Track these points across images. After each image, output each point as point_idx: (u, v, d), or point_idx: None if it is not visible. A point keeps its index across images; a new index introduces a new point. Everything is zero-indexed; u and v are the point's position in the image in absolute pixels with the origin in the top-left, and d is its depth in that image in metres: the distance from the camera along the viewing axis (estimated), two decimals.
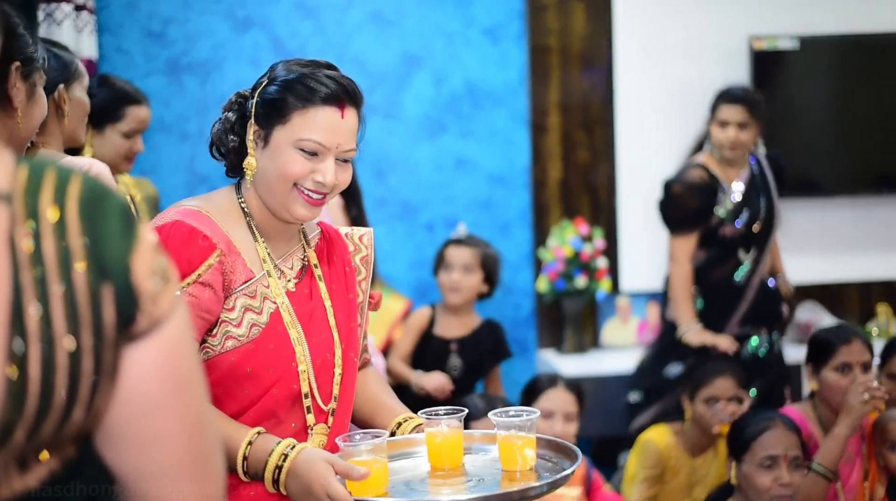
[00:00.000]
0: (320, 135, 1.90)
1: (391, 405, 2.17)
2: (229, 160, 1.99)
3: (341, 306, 2.06)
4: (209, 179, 4.87)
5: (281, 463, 1.84)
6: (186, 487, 1.09)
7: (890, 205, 5.33)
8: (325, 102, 1.91)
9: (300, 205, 1.94)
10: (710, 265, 4.34)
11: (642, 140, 5.14)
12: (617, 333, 5.14)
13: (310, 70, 1.92)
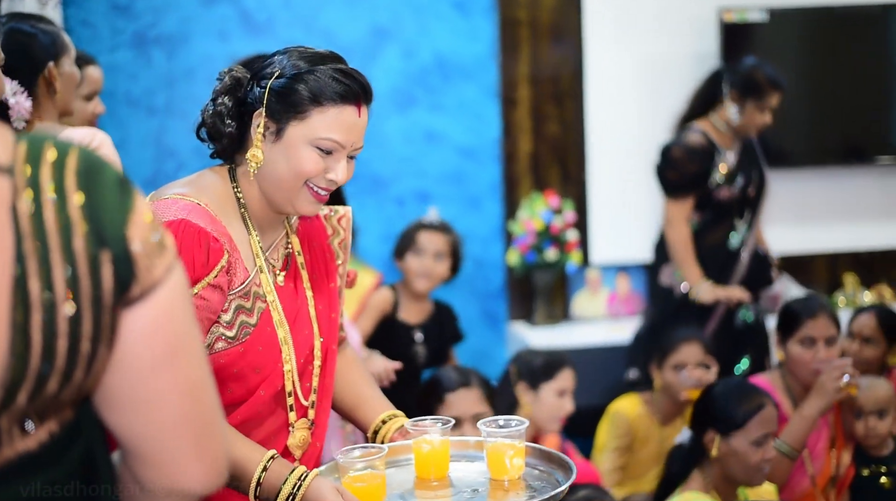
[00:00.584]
0: (339, 134, 1.85)
1: (374, 398, 2.14)
2: (221, 145, 1.92)
3: (322, 297, 2.02)
4: (177, 154, 4.84)
5: (294, 491, 1.81)
6: (187, 448, 1.14)
7: (857, 176, 5.38)
8: (345, 101, 1.85)
9: (308, 202, 1.90)
10: (704, 230, 4.38)
11: (612, 113, 5.15)
12: (587, 305, 5.16)
13: (327, 65, 1.86)
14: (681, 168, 4.34)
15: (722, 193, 4.35)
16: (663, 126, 5.04)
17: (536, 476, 1.98)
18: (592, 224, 5.18)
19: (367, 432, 2.13)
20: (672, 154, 4.34)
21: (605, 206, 5.18)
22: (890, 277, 5.47)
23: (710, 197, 4.34)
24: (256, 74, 1.91)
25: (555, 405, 3.65)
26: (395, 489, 1.94)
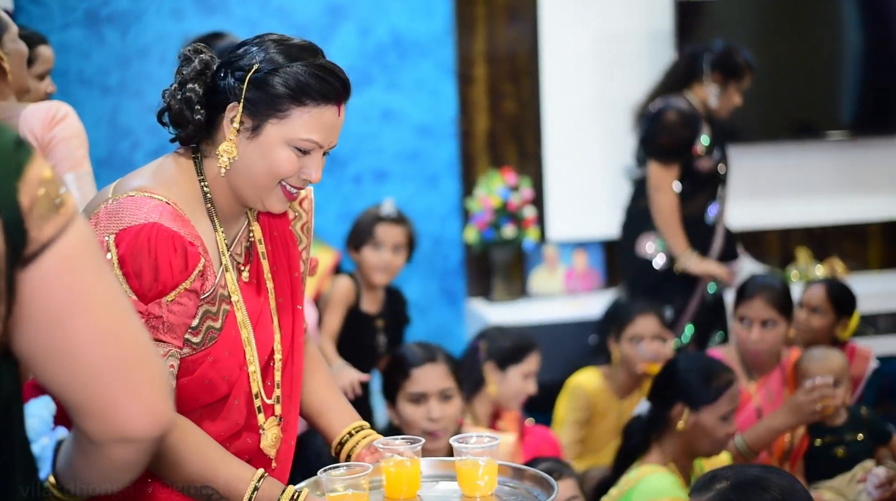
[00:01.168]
0: (318, 134, 1.78)
1: (339, 406, 2.07)
2: (186, 133, 1.81)
3: (284, 287, 1.94)
4: (132, 133, 4.80)
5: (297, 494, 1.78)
6: (118, 393, 1.17)
7: (809, 152, 5.45)
8: (327, 100, 1.77)
9: (279, 201, 1.83)
10: (682, 201, 4.41)
11: (568, 90, 5.17)
12: (545, 281, 5.20)
13: (308, 60, 1.77)
14: (674, 132, 4.35)
15: (702, 163, 4.40)
16: (619, 104, 5.08)
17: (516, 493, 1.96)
18: (549, 201, 5.21)
19: (331, 442, 2.07)
20: (666, 118, 4.34)
21: (562, 183, 5.20)
22: (841, 250, 5.56)
23: (691, 167, 4.38)
24: (231, 63, 1.80)
25: (520, 387, 3.69)
26: None
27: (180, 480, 1.71)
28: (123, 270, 1.65)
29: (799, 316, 3.92)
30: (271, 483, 1.78)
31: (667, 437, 2.91)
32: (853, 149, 5.50)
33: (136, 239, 1.66)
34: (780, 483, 1.89)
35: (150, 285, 1.67)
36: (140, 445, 1.22)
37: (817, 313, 3.97)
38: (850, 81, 5.47)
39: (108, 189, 1.80)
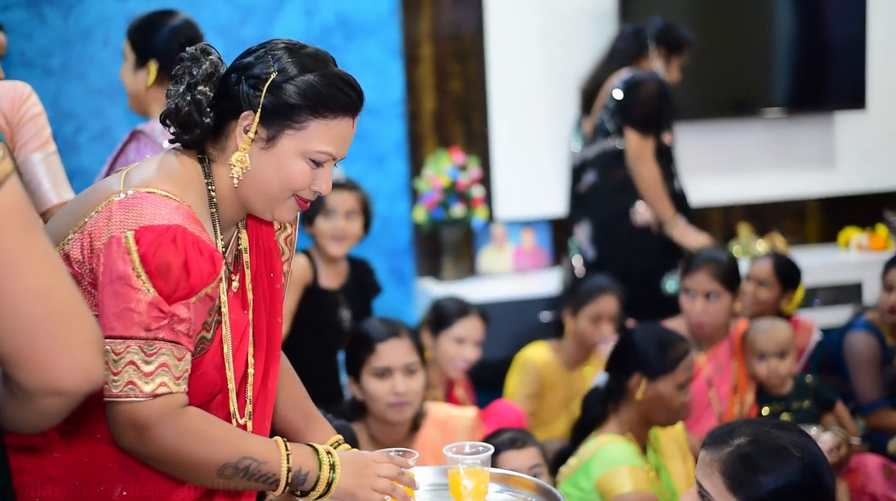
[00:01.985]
0: (333, 147, 1.77)
1: (316, 421, 2.06)
2: (191, 136, 1.77)
3: (264, 299, 1.89)
4: (76, 116, 4.74)
5: (333, 461, 1.80)
6: (49, 346, 1.26)
7: (746, 129, 5.54)
8: (345, 112, 1.77)
9: (290, 209, 1.81)
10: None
11: (514, 70, 5.21)
12: (493, 260, 5.24)
13: (326, 71, 1.75)
14: (654, 103, 4.41)
15: (667, 137, 4.48)
16: (564, 82, 5.14)
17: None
18: (497, 181, 5.25)
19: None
20: (648, 88, 4.40)
21: (509, 162, 5.24)
22: (781, 226, 5.68)
23: (660, 140, 4.45)
24: (245, 69, 1.76)
25: (454, 351, 3.75)
26: None
27: (219, 460, 1.68)
28: (146, 268, 1.61)
29: (746, 289, 4.03)
30: (295, 444, 1.79)
31: (624, 407, 2.97)
32: (789, 126, 5.61)
33: (161, 239, 1.62)
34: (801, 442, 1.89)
35: (179, 286, 1.63)
36: (69, 398, 1.30)
37: (764, 286, 4.08)
38: (784, 59, 5.56)
39: (112, 180, 1.75)
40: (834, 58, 5.60)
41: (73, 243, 1.69)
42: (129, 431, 1.63)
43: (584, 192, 4.57)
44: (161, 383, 1.62)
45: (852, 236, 5.58)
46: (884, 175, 5.72)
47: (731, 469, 1.86)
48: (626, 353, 3.03)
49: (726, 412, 3.62)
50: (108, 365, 1.61)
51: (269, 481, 1.74)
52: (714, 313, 3.66)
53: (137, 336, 1.61)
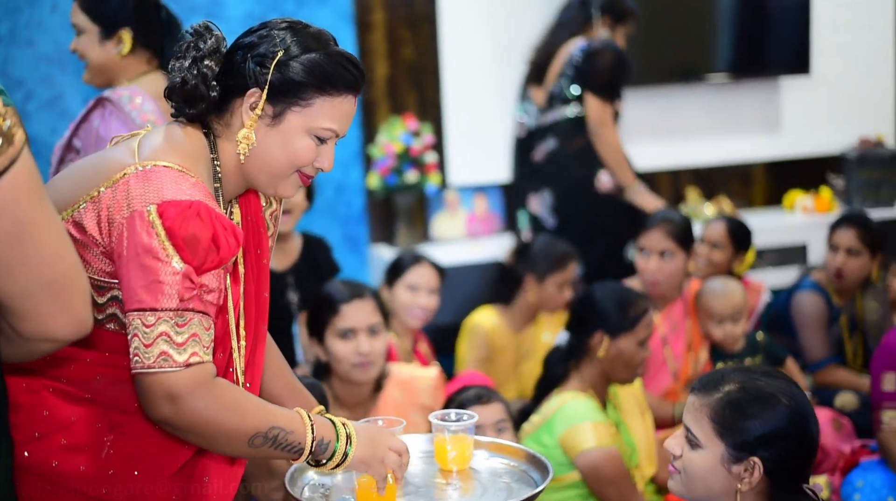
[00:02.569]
0: (338, 124, 1.81)
1: (299, 392, 2.10)
2: (196, 110, 1.79)
3: (252, 273, 1.91)
4: (24, 84, 4.68)
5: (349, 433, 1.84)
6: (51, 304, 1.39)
7: (691, 94, 5.60)
8: (349, 90, 1.80)
9: (294, 185, 1.85)
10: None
11: (466, 36, 5.23)
12: (446, 226, 5.28)
13: (328, 50, 1.79)
14: (616, 70, 4.49)
15: (619, 104, 4.55)
16: (516, 49, 5.16)
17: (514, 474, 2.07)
18: (449, 147, 5.28)
19: None
20: (608, 56, 4.47)
21: (462, 129, 5.28)
22: (728, 189, 5.78)
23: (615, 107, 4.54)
24: (250, 47, 1.79)
25: (407, 300, 3.80)
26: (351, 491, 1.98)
27: (250, 430, 1.71)
28: (173, 241, 1.63)
29: (700, 251, 4.11)
30: (315, 416, 1.83)
31: (586, 365, 3.02)
32: (735, 91, 5.69)
33: (186, 214, 1.65)
34: (789, 389, 1.94)
35: (207, 258, 1.67)
36: (62, 344, 1.46)
37: (718, 248, 4.17)
38: (728, 24, 5.63)
39: (122, 151, 1.76)
40: (778, 23, 5.69)
41: (85, 212, 1.70)
42: (163, 402, 1.65)
43: (542, 160, 4.62)
44: (193, 352, 1.65)
45: (797, 198, 5.70)
46: (828, 139, 5.83)
47: (721, 415, 1.92)
48: (587, 312, 3.08)
49: (681, 369, 3.71)
50: (137, 338, 1.64)
51: (294, 450, 1.78)
52: (668, 271, 3.74)
53: (169, 308, 1.64)
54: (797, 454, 1.93)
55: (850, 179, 5.67)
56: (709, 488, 1.95)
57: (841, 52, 5.79)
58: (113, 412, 1.76)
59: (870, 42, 5.89)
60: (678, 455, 1.99)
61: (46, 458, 1.73)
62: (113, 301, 1.72)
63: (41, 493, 1.74)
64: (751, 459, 1.91)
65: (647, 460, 3.04)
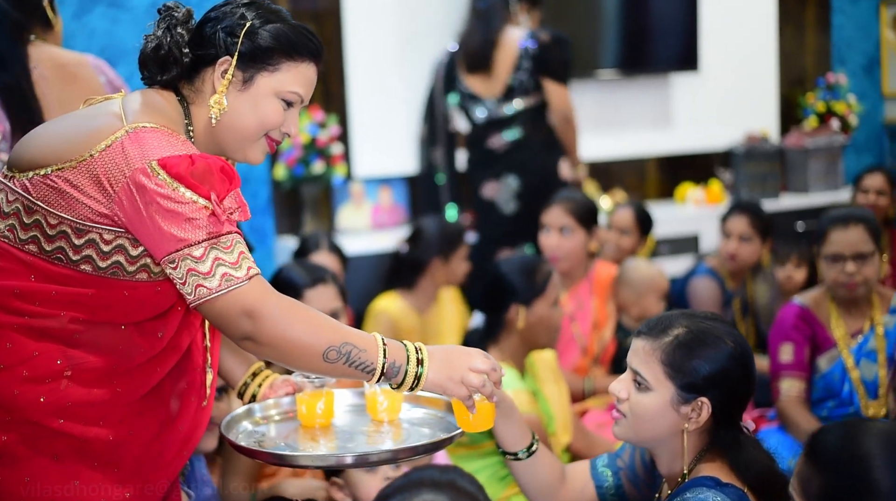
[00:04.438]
0: (303, 89, 1.92)
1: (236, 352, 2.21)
2: (168, 75, 1.90)
3: None
4: None
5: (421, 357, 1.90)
6: None
7: (581, 90, 5.71)
8: (312, 57, 1.92)
9: (261, 152, 1.94)
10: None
11: (370, 29, 5.30)
12: (352, 217, 5.34)
13: (289, 22, 1.91)
14: (571, 58, 4.72)
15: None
16: (420, 42, 5.27)
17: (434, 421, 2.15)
18: (354, 140, 5.34)
19: (235, 386, 2.24)
20: (566, 45, 4.65)
21: (367, 122, 5.34)
22: (622, 182, 5.97)
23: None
24: (217, 20, 1.90)
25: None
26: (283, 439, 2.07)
27: (323, 343, 1.80)
28: (185, 183, 1.74)
29: (609, 237, 4.27)
30: (388, 339, 1.91)
31: (504, 338, 3.11)
32: (625, 87, 5.88)
33: (190, 160, 1.76)
34: (734, 334, 2.02)
35: (222, 185, 1.77)
36: None
37: (626, 234, 4.34)
38: (616, 21, 5.79)
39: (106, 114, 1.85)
40: (666, 20, 5.89)
41: (77, 172, 1.78)
42: (241, 319, 1.75)
43: (504, 148, 4.71)
44: (248, 267, 1.77)
45: (688, 191, 5.92)
46: (716, 134, 6.07)
47: (670, 357, 1.99)
48: (496, 289, 3.16)
49: (588, 345, 3.84)
50: (193, 273, 1.74)
51: (367, 369, 1.85)
52: (568, 247, 3.87)
53: (210, 236, 1.74)
54: (740, 393, 2.01)
55: (738, 173, 5.93)
56: (656, 429, 2.01)
57: (727, 50, 6.05)
58: (72, 350, 1.83)
59: (754, 41, 6.17)
60: (624, 399, 2.04)
61: (8, 388, 1.80)
62: (89, 244, 1.80)
63: (1, 423, 1.81)
64: (699, 399, 1.97)
65: (563, 428, 3.14)
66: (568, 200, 3.96)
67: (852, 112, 6.19)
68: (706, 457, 2.02)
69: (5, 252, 1.83)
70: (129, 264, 1.83)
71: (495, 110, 4.71)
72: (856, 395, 3.29)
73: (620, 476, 2.21)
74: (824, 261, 3.36)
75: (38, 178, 1.80)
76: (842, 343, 3.34)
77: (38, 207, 1.80)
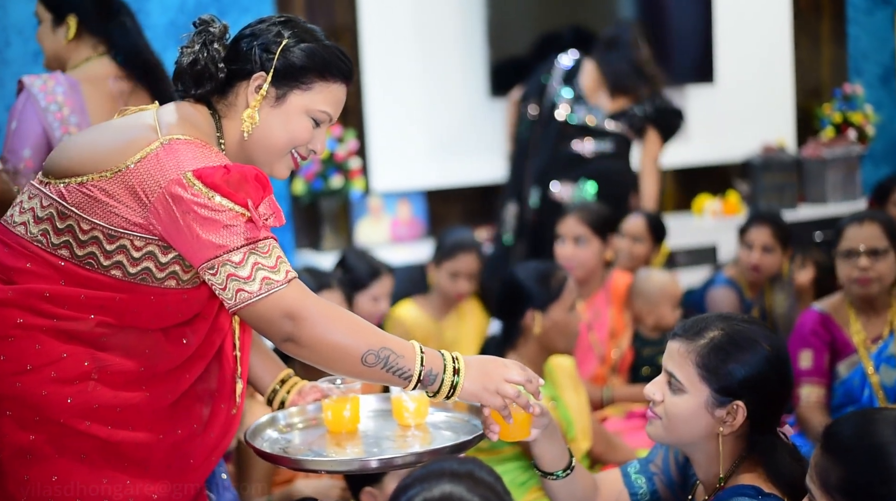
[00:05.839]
0: (332, 108, 1.98)
1: (265, 358, 2.26)
2: (203, 89, 1.94)
3: None
4: None
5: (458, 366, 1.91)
6: None
7: None
8: (343, 78, 1.98)
9: (287, 167, 1.99)
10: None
11: (386, 44, 5.34)
12: (370, 231, 5.37)
13: (324, 43, 1.96)
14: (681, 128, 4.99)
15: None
16: (436, 57, 5.31)
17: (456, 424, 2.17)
18: (372, 155, 5.38)
19: (264, 393, 2.27)
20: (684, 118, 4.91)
21: (384, 136, 5.38)
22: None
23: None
24: (254, 36, 1.95)
25: (370, 309, 3.87)
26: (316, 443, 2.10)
27: (362, 346, 1.83)
28: (222, 192, 1.78)
29: (622, 245, 4.27)
30: (427, 347, 1.92)
31: (522, 345, 3.12)
32: None
33: (225, 169, 1.80)
34: (770, 337, 1.99)
35: (256, 192, 1.80)
36: None
37: (639, 242, 4.35)
38: None
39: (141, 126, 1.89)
40: (682, 33, 5.92)
41: (112, 182, 1.83)
42: (283, 321, 1.79)
43: (591, 155, 4.77)
44: (287, 270, 1.81)
45: (706, 203, 5.92)
46: (732, 145, 6.08)
47: (705, 360, 1.95)
48: (513, 295, 3.18)
49: (606, 354, 3.85)
50: (233, 278, 1.77)
51: (404, 376, 1.88)
52: (583, 258, 3.89)
53: (248, 242, 1.78)
54: (776, 397, 1.99)
55: (756, 184, 5.93)
56: (691, 432, 1.98)
57: (743, 62, 6.06)
58: (100, 353, 1.86)
59: (770, 52, 6.18)
60: (659, 401, 2.01)
61: (37, 388, 1.83)
62: (121, 250, 1.84)
63: (27, 424, 1.84)
64: (734, 403, 1.94)
65: (583, 434, 3.15)
66: (582, 209, 3.99)
67: (869, 123, 6.18)
68: (745, 465, 1.99)
69: (37, 256, 1.86)
70: (158, 271, 1.87)
71: (600, 121, 4.77)
72: (875, 400, 3.29)
73: (655, 482, 2.19)
74: (840, 259, 3.34)
75: (73, 185, 1.84)
76: (861, 349, 3.34)
77: (72, 212, 1.84)
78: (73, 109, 2.78)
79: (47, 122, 2.75)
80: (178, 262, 1.86)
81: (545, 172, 4.78)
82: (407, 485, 1.53)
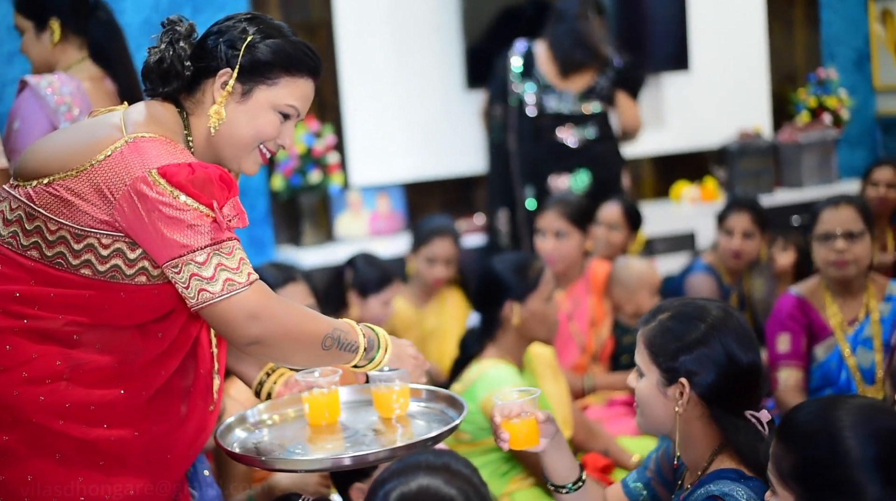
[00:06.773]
0: (299, 103, 1.98)
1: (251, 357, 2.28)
2: (170, 87, 1.96)
3: None
4: None
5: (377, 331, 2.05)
6: None
7: None
8: (310, 74, 1.98)
9: (255, 162, 2.00)
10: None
11: (362, 38, 5.34)
12: (350, 225, 5.38)
13: (290, 38, 1.97)
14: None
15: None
16: (412, 50, 5.31)
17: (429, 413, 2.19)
18: (350, 148, 5.38)
19: (250, 384, 2.29)
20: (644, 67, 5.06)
21: (362, 131, 5.38)
22: None
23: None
24: (220, 33, 1.96)
25: (380, 312, 3.89)
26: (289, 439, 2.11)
27: (320, 332, 1.91)
28: (187, 191, 1.79)
29: (598, 233, 4.29)
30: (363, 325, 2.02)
31: (501, 336, 3.15)
32: None
33: (190, 168, 1.81)
34: (716, 314, 2.00)
35: (221, 193, 1.82)
36: None
37: (615, 229, 4.37)
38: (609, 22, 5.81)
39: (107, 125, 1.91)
40: (657, 21, 5.93)
41: (78, 181, 1.84)
42: (247, 322, 1.83)
43: (579, 144, 4.77)
44: (248, 272, 1.84)
45: (683, 189, 5.95)
46: (710, 131, 6.11)
47: (653, 341, 2.00)
48: (491, 287, 3.20)
49: (586, 343, 3.88)
50: (196, 278, 1.80)
51: (352, 349, 1.98)
52: (564, 251, 3.92)
53: (211, 243, 1.81)
54: (727, 377, 1.97)
55: (733, 170, 5.96)
56: (655, 415, 2.02)
57: (718, 49, 6.09)
58: (73, 351, 1.88)
59: (744, 39, 6.21)
60: (633, 388, 2.06)
61: (9, 389, 1.85)
62: (88, 249, 1.85)
63: (1, 425, 1.86)
64: (679, 381, 1.96)
65: (563, 423, 3.17)
66: (561, 203, 4.01)
67: (844, 107, 6.22)
68: (727, 449, 2.00)
69: (7, 258, 1.88)
70: (127, 268, 1.88)
71: (574, 106, 4.77)
72: (853, 382, 3.32)
73: (652, 485, 2.21)
74: (816, 242, 3.37)
75: (41, 187, 1.86)
76: (838, 331, 3.37)
77: (39, 213, 1.85)
78: (82, 108, 2.82)
79: (58, 122, 2.77)
80: (146, 258, 1.87)
81: (536, 168, 4.78)
82: (384, 479, 1.55)
